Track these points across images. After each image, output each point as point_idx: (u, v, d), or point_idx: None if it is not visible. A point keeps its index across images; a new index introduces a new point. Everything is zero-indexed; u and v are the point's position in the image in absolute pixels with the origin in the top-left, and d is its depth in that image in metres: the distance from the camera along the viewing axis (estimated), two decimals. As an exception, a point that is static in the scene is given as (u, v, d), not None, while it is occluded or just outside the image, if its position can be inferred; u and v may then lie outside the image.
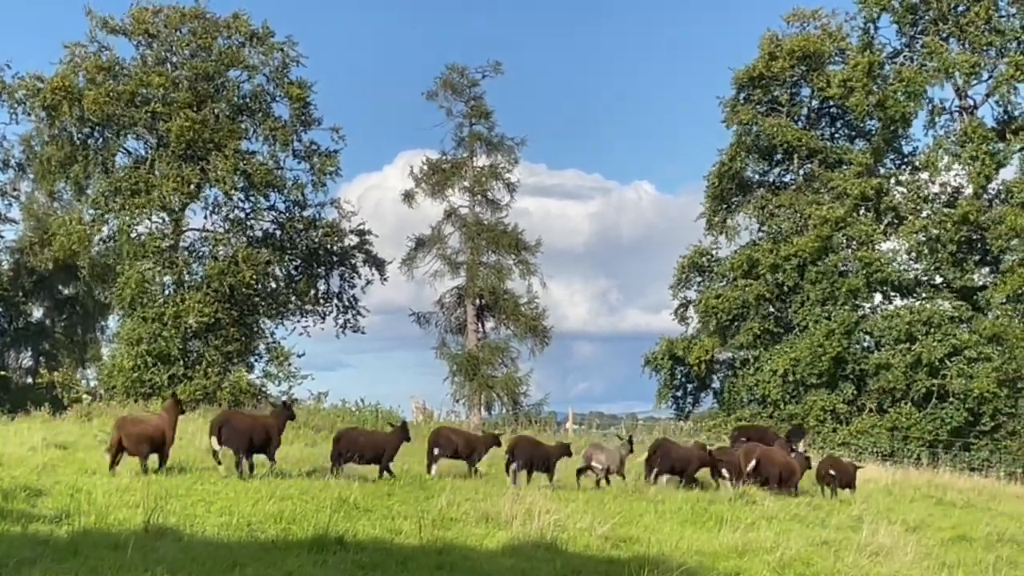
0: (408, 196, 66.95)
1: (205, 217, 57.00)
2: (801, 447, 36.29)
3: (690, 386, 68.53)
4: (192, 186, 54.09)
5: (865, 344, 63.95)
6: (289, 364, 55.75)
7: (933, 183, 65.20)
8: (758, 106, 67.49)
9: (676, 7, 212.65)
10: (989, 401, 58.57)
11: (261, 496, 20.34)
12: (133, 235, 54.11)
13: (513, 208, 68.24)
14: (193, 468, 24.45)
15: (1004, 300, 60.70)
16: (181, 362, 53.09)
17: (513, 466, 27.76)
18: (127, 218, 53.95)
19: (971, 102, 65.69)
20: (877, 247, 64.55)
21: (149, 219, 54.99)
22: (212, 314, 53.05)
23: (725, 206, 68.52)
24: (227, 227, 56.62)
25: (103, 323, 77.36)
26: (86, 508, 17.87)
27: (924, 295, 64.31)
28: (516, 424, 50.64)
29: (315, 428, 38.10)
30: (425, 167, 66.99)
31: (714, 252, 68.63)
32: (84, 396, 50.23)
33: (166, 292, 54.60)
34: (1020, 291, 59.77)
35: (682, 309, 68.99)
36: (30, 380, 67.76)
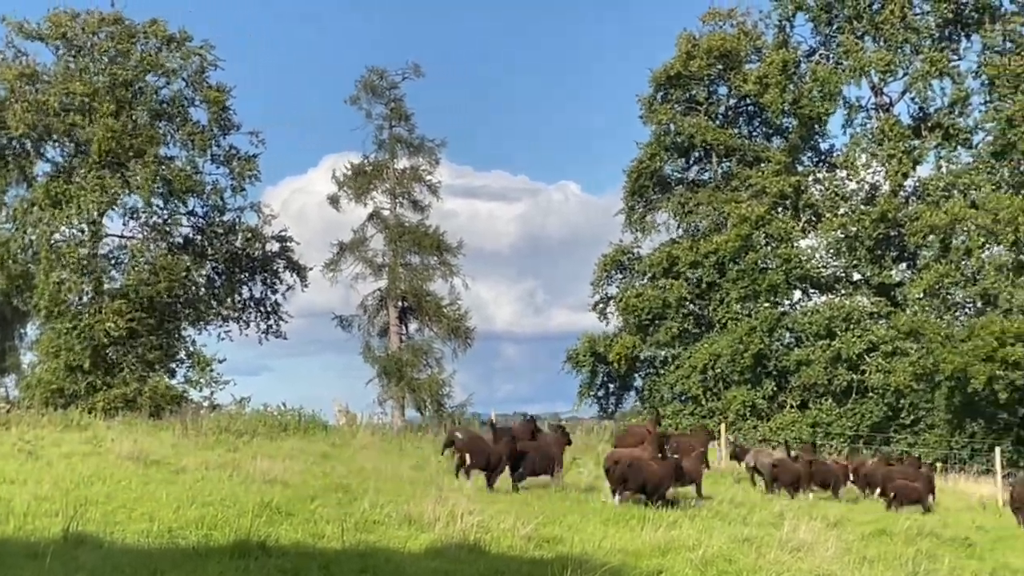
0: (333, 200, 66.94)
1: (123, 223, 56.69)
2: None
3: (612, 385, 68.68)
4: (112, 193, 53.68)
5: (786, 341, 64.49)
6: (211, 370, 55.60)
7: (851, 181, 65.83)
8: (676, 105, 67.79)
9: (597, 6, 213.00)
10: (907, 395, 59.25)
11: (182, 502, 20.22)
12: (52, 242, 53.67)
13: (439, 210, 68.46)
14: (114, 475, 24.25)
15: (921, 295, 61.37)
16: (100, 371, 52.73)
17: None
18: (45, 228, 53.51)
19: (887, 100, 66.43)
20: (796, 244, 65.12)
21: (68, 228, 54.58)
22: (128, 323, 52.66)
23: (644, 203, 68.72)
24: (146, 233, 56.30)
25: (22, 331, 76.64)
26: (4, 516, 17.71)
27: (843, 291, 64.99)
28: (440, 426, 50.56)
29: (237, 433, 37.82)
30: (348, 170, 66.92)
31: (635, 250, 68.83)
32: (2, 405, 49.71)
33: (84, 300, 54.15)
34: (936, 286, 60.42)
35: (602, 305, 69.15)
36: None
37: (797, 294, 66.09)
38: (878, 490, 35.69)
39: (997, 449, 48.45)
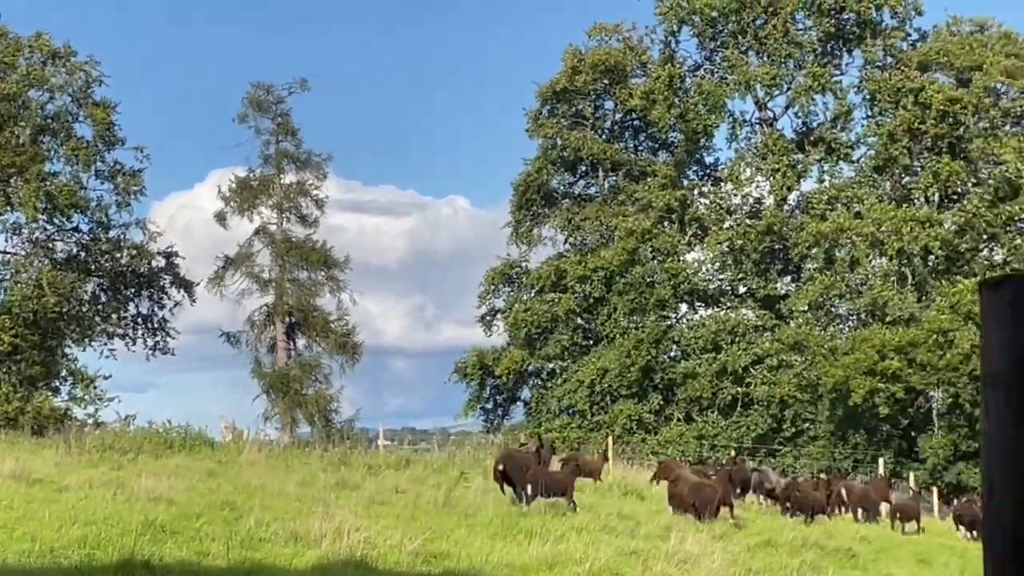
0: (220, 217, 66.20)
1: (5, 239, 55.89)
2: None
3: (499, 398, 68.82)
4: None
5: (672, 354, 64.95)
6: (95, 387, 54.98)
7: (736, 194, 66.54)
8: (563, 119, 68.13)
9: (484, 21, 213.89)
10: (790, 406, 59.89)
11: (65, 521, 19.96)
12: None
13: (327, 225, 68.05)
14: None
15: (805, 308, 62.07)
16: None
17: None
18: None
19: (771, 114, 67.27)
20: (682, 258, 65.62)
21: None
22: (12, 339, 51.90)
23: (531, 217, 68.98)
24: (28, 249, 55.53)
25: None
26: None
27: (728, 304, 65.58)
28: (328, 442, 50.22)
29: (121, 451, 37.36)
30: (234, 185, 66.33)
31: (523, 264, 69.06)
32: None
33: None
34: (821, 298, 61.14)
35: (488, 317, 69.32)
36: None
37: (684, 307, 66.71)
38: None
39: (880, 460, 49.10)
